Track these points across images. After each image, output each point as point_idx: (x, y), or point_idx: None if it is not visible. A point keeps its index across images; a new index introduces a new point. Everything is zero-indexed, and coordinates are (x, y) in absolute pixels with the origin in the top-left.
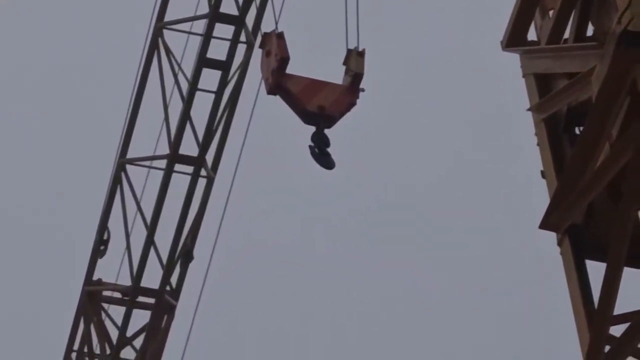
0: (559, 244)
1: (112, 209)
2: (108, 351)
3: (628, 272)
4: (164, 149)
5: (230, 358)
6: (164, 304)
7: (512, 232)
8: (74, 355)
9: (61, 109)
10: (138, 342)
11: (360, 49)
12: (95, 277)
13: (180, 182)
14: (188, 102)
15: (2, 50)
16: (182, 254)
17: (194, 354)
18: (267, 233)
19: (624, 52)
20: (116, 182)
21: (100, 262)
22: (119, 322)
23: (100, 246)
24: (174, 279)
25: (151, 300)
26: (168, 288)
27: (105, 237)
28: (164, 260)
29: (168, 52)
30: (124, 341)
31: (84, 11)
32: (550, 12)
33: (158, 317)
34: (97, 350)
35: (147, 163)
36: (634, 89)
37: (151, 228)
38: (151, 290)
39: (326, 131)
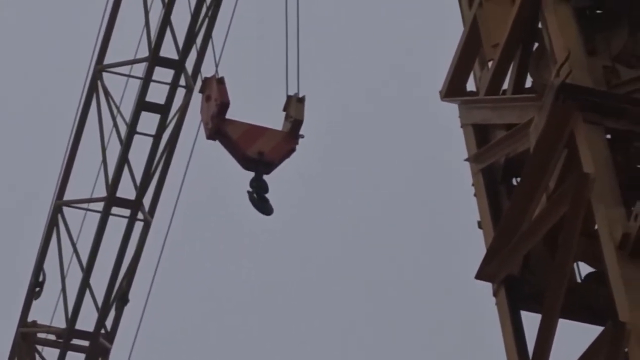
0: (495, 294)
1: (48, 251)
2: None
3: (562, 324)
4: (102, 192)
5: None
6: (99, 347)
7: (447, 281)
8: None
9: None
10: None
11: (300, 96)
12: (29, 319)
13: (117, 225)
14: (126, 145)
15: None
16: (118, 297)
17: None
18: (204, 276)
19: (562, 105)
20: (52, 223)
21: (35, 303)
22: None
23: (35, 288)
24: (109, 322)
25: (86, 343)
26: (103, 331)
27: (40, 278)
28: (100, 303)
29: (107, 94)
30: None
31: (26, 50)
32: (489, 63)
33: None
34: None
35: (84, 205)
36: (571, 142)
37: (87, 270)
38: (86, 333)
39: (265, 177)
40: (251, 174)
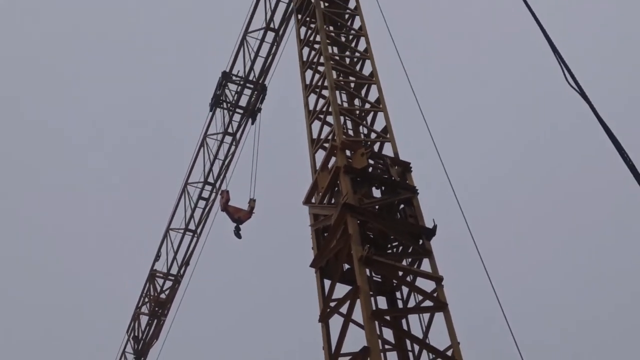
0: (316, 273)
1: (179, 204)
2: None
3: (339, 286)
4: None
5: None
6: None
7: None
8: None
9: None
10: None
11: (254, 198)
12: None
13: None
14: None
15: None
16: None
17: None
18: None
19: (344, 210)
20: (183, 191)
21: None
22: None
23: (172, 216)
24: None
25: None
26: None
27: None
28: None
29: (207, 149)
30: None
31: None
32: (320, 194)
33: None
34: None
35: (195, 185)
36: (346, 222)
37: (193, 209)
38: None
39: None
40: (234, 224)
